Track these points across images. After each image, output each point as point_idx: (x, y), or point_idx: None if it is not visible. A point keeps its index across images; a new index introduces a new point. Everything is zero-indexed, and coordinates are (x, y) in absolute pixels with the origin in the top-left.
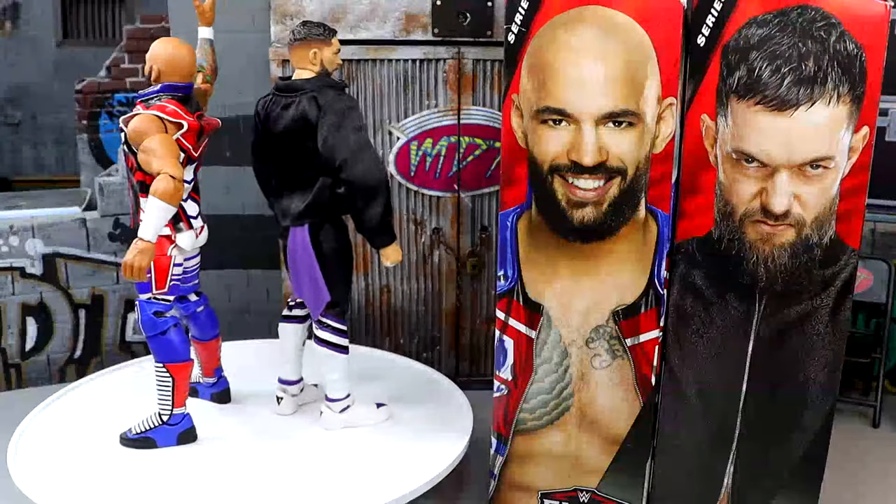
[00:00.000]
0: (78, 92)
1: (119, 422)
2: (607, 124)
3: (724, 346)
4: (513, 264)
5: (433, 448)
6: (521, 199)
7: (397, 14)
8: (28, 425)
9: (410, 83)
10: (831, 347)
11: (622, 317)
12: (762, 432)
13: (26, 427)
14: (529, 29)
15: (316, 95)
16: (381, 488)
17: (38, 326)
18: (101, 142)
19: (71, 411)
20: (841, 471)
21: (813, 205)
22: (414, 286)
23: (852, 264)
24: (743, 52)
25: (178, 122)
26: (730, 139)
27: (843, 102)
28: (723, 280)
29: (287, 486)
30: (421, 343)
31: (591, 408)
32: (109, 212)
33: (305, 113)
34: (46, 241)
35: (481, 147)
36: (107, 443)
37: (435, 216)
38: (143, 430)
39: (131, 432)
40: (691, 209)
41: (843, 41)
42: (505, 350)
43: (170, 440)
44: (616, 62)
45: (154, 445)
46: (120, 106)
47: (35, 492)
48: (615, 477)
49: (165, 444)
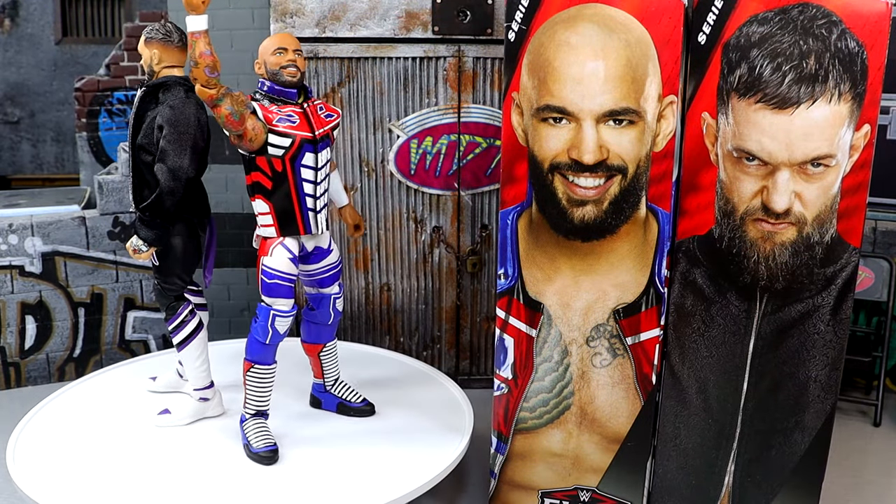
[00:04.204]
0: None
1: (119, 421)
2: (608, 122)
3: (725, 344)
4: (513, 263)
5: (433, 448)
6: (521, 197)
7: (397, 12)
8: (27, 424)
9: (410, 81)
10: (832, 346)
11: (623, 315)
12: (763, 431)
13: (25, 425)
14: (530, 27)
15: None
16: (382, 488)
17: (37, 325)
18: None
19: (70, 410)
20: (842, 469)
21: (814, 203)
22: (414, 284)
23: (853, 263)
24: (744, 50)
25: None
26: (730, 137)
27: (844, 100)
28: (724, 278)
29: (287, 486)
30: (421, 341)
31: (592, 406)
32: (109, 210)
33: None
34: (45, 240)
35: (481, 145)
36: (106, 441)
37: (435, 214)
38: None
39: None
40: (692, 207)
41: (845, 39)
42: (505, 349)
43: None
44: (617, 60)
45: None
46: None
47: (34, 490)
48: (616, 475)
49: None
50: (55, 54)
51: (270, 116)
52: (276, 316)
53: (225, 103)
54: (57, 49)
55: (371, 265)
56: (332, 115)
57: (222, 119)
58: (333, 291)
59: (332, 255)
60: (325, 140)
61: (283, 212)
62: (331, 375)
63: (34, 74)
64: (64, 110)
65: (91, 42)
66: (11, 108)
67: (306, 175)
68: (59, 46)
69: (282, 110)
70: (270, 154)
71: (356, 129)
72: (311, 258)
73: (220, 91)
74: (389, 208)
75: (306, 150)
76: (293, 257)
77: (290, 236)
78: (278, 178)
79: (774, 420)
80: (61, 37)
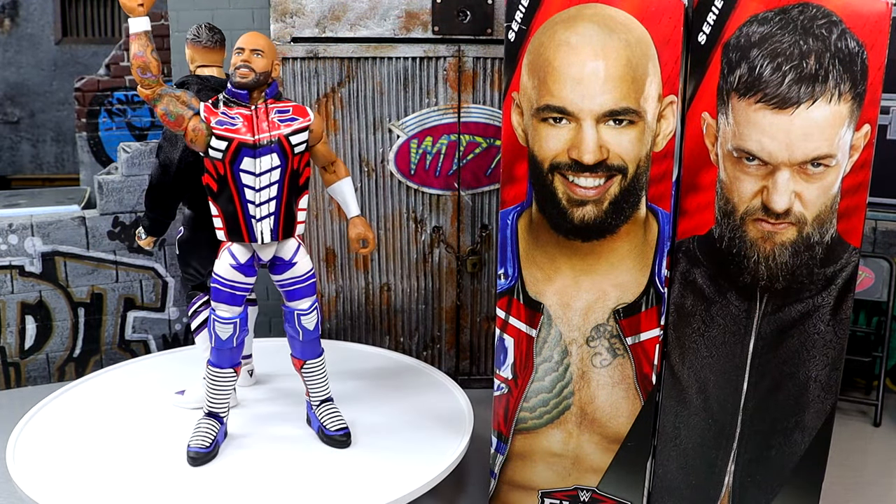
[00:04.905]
0: (77, 90)
1: (119, 421)
2: (608, 122)
3: (725, 344)
4: (513, 263)
5: (433, 448)
6: (521, 197)
7: (397, 12)
8: (27, 424)
9: (410, 81)
10: (832, 346)
11: (623, 315)
12: (763, 431)
13: (25, 425)
14: (530, 27)
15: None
16: (382, 488)
17: (37, 325)
18: (100, 140)
19: (70, 410)
20: (842, 469)
21: (814, 203)
22: (414, 284)
23: (853, 263)
24: (744, 50)
25: None
26: (731, 137)
27: (844, 100)
28: (724, 278)
29: (287, 486)
30: (421, 341)
31: (592, 406)
32: (109, 210)
33: None
34: (45, 240)
35: (481, 145)
36: (106, 441)
37: (435, 214)
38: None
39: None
40: (692, 207)
41: (845, 39)
42: (505, 349)
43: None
44: (617, 60)
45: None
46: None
47: (34, 490)
48: (616, 475)
49: None
50: (55, 54)
51: (210, 118)
52: (215, 321)
53: (161, 103)
54: (57, 49)
55: (371, 265)
56: (292, 120)
57: (159, 119)
58: (300, 307)
59: (295, 268)
60: (270, 146)
61: (229, 216)
62: (316, 396)
63: (34, 74)
64: (64, 110)
65: (91, 42)
66: (11, 108)
67: (246, 180)
68: (58, 46)
69: (230, 112)
70: (212, 156)
71: (356, 129)
72: (274, 268)
73: (155, 91)
74: (389, 208)
75: (245, 155)
76: (237, 265)
77: (236, 242)
78: (221, 181)
79: (774, 420)
80: (61, 37)
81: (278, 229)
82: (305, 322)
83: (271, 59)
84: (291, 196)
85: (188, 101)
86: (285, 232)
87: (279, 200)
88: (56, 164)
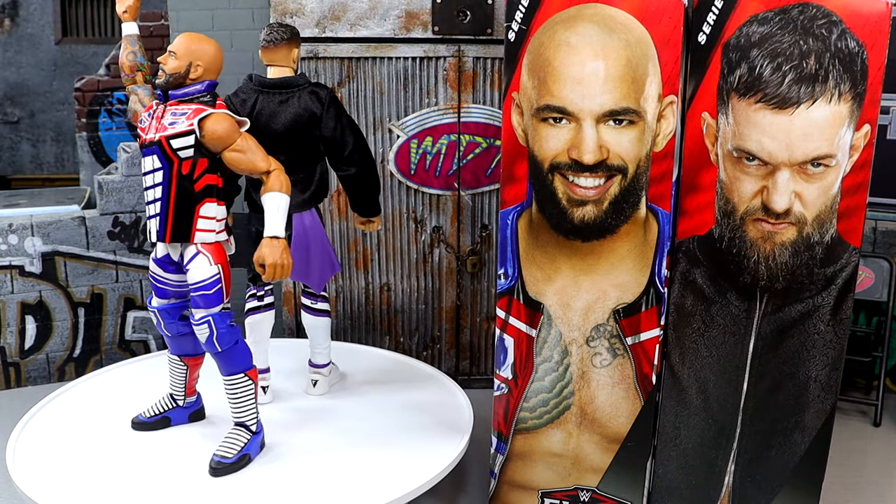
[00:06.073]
0: (77, 90)
1: (119, 421)
2: (608, 122)
3: (725, 344)
4: (513, 262)
5: (433, 448)
6: (521, 197)
7: (397, 12)
8: (27, 424)
9: (410, 81)
10: (832, 346)
11: (623, 315)
12: (763, 431)
13: (25, 425)
14: (530, 27)
15: (316, 90)
16: (382, 488)
17: (37, 325)
18: (100, 140)
19: (70, 410)
20: (842, 469)
21: (814, 203)
22: (414, 284)
23: (853, 263)
24: (744, 50)
25: (242, 121)
26: (730, 137)
27: (844, 100)
28: (724, 278)
29: (287, 486)
30: (421, 341)
31: (592, 406)
32: (109, 210)
33: (309, 107)
34: (45, 240)
35: (481, 145)
36: (106, 441)
37: (435, 214)
38: (238, 450)
39: (226, 458)
40: (692, 207)
41: (845, 39)
42: (505, 349)
43: (257, 449)
44: (617, 60)
45: (249, 461)
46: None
47: (34, 490)
48: (616, 476)
49: (255, 455)
50: (55, 54)
51: (141, 115)
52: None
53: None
54: (57, 49)
55: (371, 265)
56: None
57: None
58: (193, 316)
59: (188, 273)
60: (152, 147)
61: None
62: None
63: (34, 74)
64: (64, 110)
65: (91, 42)
66: (11, 108)
67: (144, 179)
68: (58, 46)
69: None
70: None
71: None
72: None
73: (128, 89)
74: (389, 208)
75: (145, 154)
76: (155, 258)
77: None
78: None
79: (774, 420)
80: (61, 37)
81: (165, 231)
82: (198, 332)
83: (187, 61)
84: (182, 201)
85: (142, 99)
86: (175, 235)
87: (164, 203)
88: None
